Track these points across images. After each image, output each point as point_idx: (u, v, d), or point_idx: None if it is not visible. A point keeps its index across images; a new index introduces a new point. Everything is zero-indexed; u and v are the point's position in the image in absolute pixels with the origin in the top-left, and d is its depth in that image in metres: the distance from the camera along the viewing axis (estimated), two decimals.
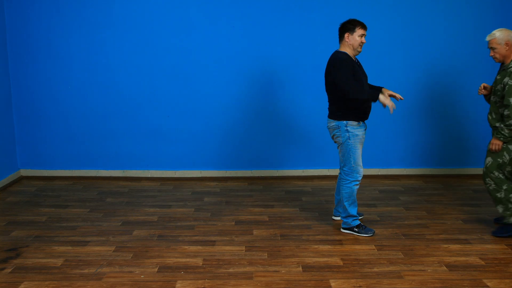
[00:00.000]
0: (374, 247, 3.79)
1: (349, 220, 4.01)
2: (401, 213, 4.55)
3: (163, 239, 3.95)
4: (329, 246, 3.81)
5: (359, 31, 3.91)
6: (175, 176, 5.76)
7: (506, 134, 3.76)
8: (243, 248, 3.77)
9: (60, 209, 4.68)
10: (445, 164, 5.80)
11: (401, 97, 3.92)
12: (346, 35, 3.93)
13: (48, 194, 5.16)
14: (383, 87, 4.08)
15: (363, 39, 3.93)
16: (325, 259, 3.59)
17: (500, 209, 3.92)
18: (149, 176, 5.75)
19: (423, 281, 3.26)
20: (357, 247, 3.80)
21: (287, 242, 3.90)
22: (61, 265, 3.51)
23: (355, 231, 4.01)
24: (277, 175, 5.72)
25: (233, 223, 4.33)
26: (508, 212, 3.90)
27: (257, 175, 5.72)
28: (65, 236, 4.03)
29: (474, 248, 3.78)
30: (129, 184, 5.49)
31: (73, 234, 4.06)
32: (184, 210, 4.66)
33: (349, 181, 4.00)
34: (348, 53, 3.94)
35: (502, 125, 3.76)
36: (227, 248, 3.79)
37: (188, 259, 3.58)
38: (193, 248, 3.78)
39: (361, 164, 3.99)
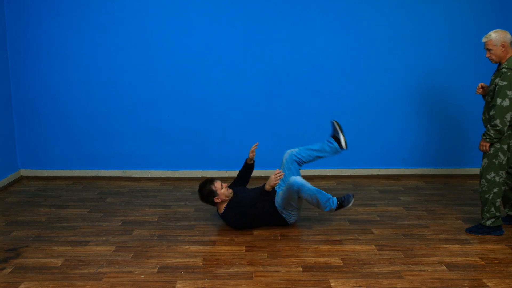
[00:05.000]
0: (374, 247, 3.79)
1: None
2: (401, 213, 4.54)
3: (163, 239, 3.94)
4: (329, 246, 3.80)
5: None
6: (175, 176, 5.76)
7: (492, 135, 3.75)
8: (243, 248, 3.77)
9: (60, 209, 4.67)
10: (445, 164, 5.79)
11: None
12: None
13: (48, 194, 5.14)
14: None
15: None
16: (325, 259, 3.58)
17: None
18: (149, 176, 5.75)
19: (423, 281, 3.25)
20: (357, 247, 3.80)
21: (287, 242, 3.89)
22: (61, 265, 3.50)
23: None
24: None
25: None
26: (488, 215, 3.91)
27: (257, 175, 5.67)
28: (65, 236, 4.01)
29: (474, 248, 3.77)
30: (129, 184, 5.49)
31: (73, 234, 4.05)
32: (184, 210, 4.64)
33: None
34: None
35: (488, 126, 3.76)
36: (227, 248, 3.78)
37: (188, 259, 3.57)
38: (193, 248, 3.78)
39: None
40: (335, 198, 4.06)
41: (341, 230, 4.15)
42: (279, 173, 3.94)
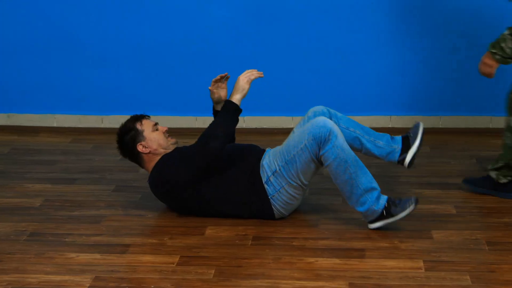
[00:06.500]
0: (422, 263, 3.51)
1: None
2: None
3: (36, 240, 3.85)
4: (338, 261, 3.58)
5: None
6: (101, 126, 5.98)
7: (509, 51, 3.80)
8: (176, 259, 3.60)
9: None
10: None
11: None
12: None
13: None
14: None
15: None
16: (321, 283, 3.32)
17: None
18: (55, 125, 5.98)
19: None
20: (391, 263, 3.50)
21: (260, 251, 3.75)
22: None
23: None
24: None
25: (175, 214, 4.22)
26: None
27: (251, 127, 5.95)
28: None
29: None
30: (15, 140, 5.67)
31: None
32: (95, 189, 4.62)
33: None
34: None
35: (506, 33, 3.83)
36: (147, 258, 3.63)
37: (67, 277, 3.38)
38: (83, 257, 3.62)
39: None
40: (385, 197, 3.89)
41: (373, 232, 3.91)
42: (254, 70, 4.01)
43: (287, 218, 4.05)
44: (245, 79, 3.94)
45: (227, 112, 3.94)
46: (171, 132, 4.15)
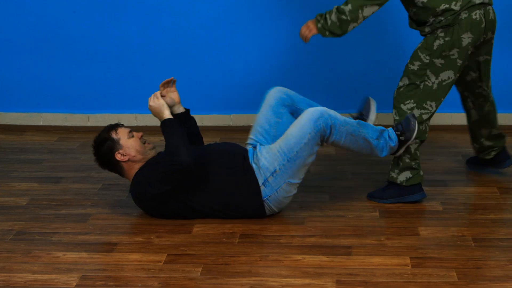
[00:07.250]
0: (408, 261, 3.45)
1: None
2: None
3: (23, 239, 3.80)
4: (325, 258, 3.52)
5: None
6: (87, 124, 5.88)
7: (329, 23, 3.94)
8: (163, 257, 3.54)
9: None
10: None
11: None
12: None
13: None
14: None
15: None
16: (307, 281, 3.29)
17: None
18: (41, 123, 5.87)
19: None
20: (377, 260, 3.44)
21: (248, 248, 3.69)
22: None
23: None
24: None
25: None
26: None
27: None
28: None
29: None
30: (0, 138, 5.66)
31: None
32: (81, 187, 4.58)
33: None
34: None
35: (335, 8, 3.93)
36: (134, 257, 3.56)
37: (54, 277, 3.33)
38: (70, 256, 3.57)
39: None
40: (390, 130, 4.08)
41: (360, 229, 3.89)
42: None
43: (274, 215, 4.03)
44: (151, 100, 4.04)
45: (168, 127, 3.95)
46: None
